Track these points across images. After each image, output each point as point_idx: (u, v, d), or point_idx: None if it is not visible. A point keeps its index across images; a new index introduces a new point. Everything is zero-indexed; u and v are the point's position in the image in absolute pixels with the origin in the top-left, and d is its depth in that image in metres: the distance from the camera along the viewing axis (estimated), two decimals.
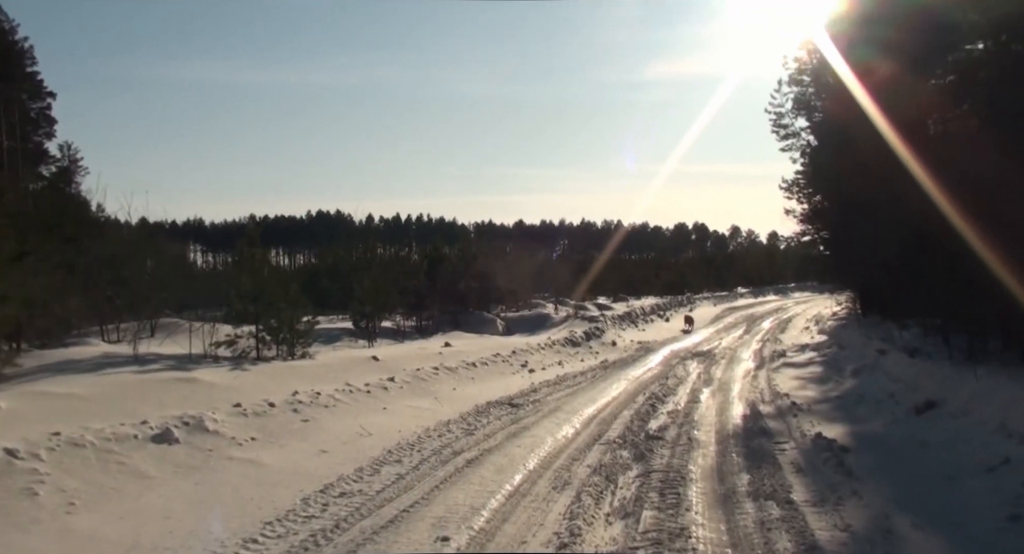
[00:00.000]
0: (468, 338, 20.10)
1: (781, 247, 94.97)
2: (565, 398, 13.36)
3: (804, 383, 14.72)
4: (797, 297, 60.84)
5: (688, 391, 14.26)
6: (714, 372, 17.27)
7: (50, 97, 36.39)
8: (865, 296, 29.22)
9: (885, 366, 13.14)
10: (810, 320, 33.72)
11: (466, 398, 12.80)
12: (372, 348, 16.39)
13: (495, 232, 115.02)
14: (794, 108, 31.40)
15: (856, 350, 17.31)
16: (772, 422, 10.63)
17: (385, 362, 14.07)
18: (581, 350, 21.89)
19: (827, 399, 12.48)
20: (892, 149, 13.36)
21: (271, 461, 7.74)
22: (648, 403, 12.81)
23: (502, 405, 12.31)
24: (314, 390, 10.78)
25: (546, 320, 26.44)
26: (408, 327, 21.42)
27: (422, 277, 21.74)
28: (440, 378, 14.13)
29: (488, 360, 16.93)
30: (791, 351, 21.40)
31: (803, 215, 31.98)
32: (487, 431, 10.01)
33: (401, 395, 12.27)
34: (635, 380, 16.05)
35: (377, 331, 19.28)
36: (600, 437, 9.95)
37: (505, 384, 14.83)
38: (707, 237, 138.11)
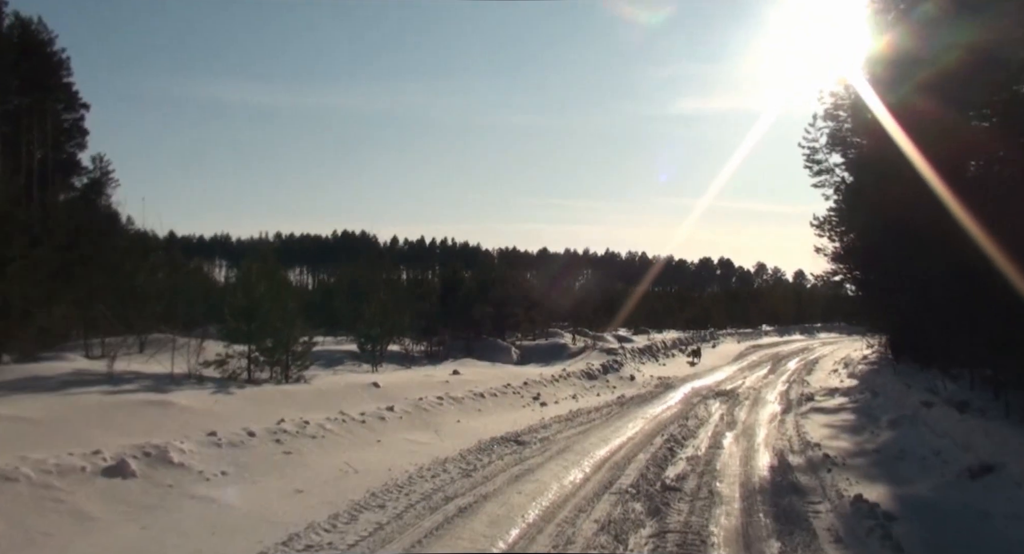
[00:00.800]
0: (479, 366, 19.20)
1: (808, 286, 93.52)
2: (577, 436, 12.39)
3: (836, 432, 13.62)
4: (823, 338, 59.22)
5: (709, 434, 13.23)
6: (738, 414, 16.20)
7: (84, 108, 36.35)
8: (898, 340, 27.99)
9: (928, 419, 12.04)
10: (838, 363, 32.37)
11: (469, 432, 11.88)
12: (375, 373, 15.54)
13: (519, 259, 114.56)
14: (828, 143, 30.43)
15: (892, 398, 16.17)
16: (803, 477, 9.58)
17: (386, 389, 13.21)
18: (597, 384, 20.89)
19: (863, 452, 11.39)
20: (932, 190, 12.94)
21: (237, 501, 6.87)
22: (666, 446, 11.81)
23: (507, 442, 11.38)
24: (303, 418, 9.93)
25: (563, 350, 25.47)
26: (418, 352, 20.58)
27: (435, 300, 20.93)
28: (444, 409, 13.23)
29: (498, 391, 16.00)
30: (820, 395, 20.23)
31: (834, 254, 30.88)
32: (487, 472, 9.07)
33: (399, 427, 11.38)
34: (653, 419, 15.04)
35: (383, 355, 18.45)
36: (611, 485, 8.99)
37: (513, 418, 13.89)
38: (732, 273, 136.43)
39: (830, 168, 30.84)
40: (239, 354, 12.54)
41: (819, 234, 31.42)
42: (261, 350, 12.44)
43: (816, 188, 31.26)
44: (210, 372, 12.23)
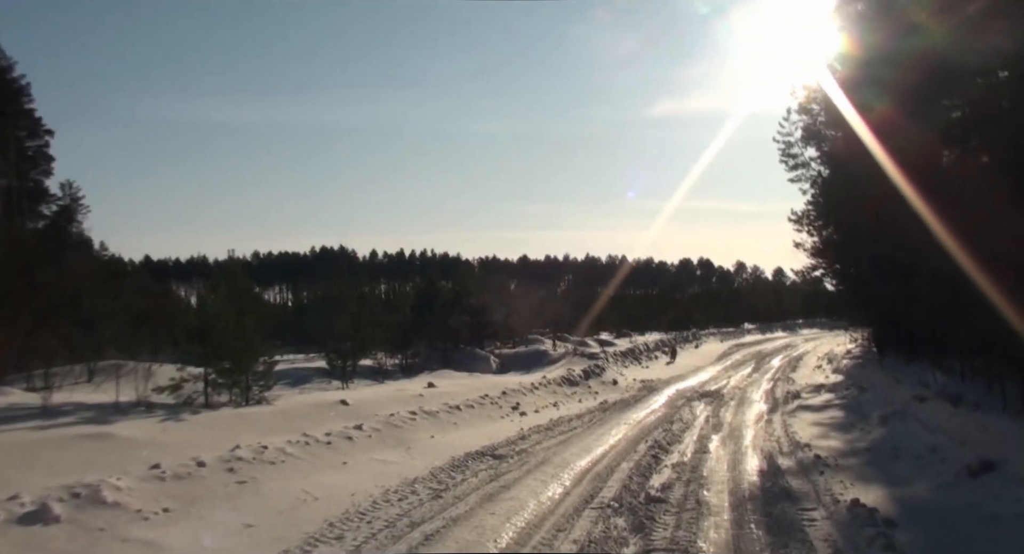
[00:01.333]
0: (456, 377, 18.57)
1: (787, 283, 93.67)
2: (557, 447, 11.81)
3: (825, 431, 13.14)
4: (806, 334, 59.14)
5: (695, 438, 12.71)
6: (723, 415, 15.70)
7: (48, 135, 35.46)
8: (882, 334, 27.71)
9: (920, 414, 11.58)
10: (822, 358, 32.06)
11: (443, 448, 11.25)
12: (344, 390, 14.86)
13: (499, 267, 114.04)
14: (803, 137, 30.17)
15: (880, 393, 15.74)
16: (795, 480, 9.06)
17: (355, 407, 12.56)
18: (579, 390, 20.33)
19: (855, 451, 10.90)
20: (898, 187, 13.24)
21: (177, 542, 6.20)
22: (650, 453, 11.27)
23: (483, 457, 10.77)
24: (261, 443, 9.26)
25: (543, 357, 24.89)
26: (392, 366, 19.91)
27: (408, 312, 20.27)
28: (417, 425, 12.59)
29: (475, 402, 15.39)
30: (806, 392, 19.80)
31: (814, 248, 30.61)
32: (459, 492, 8.46)
33: (367, 446, 10.74)
34: (636, 424, 14.50)
35: (355, 371, 17.78)
36: (592, 499, 8.41)
37: (491, 430, 13.28)
38: (712, 273, 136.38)
39: (806, 162, 30.53)
40: (195, 378, 11.85)
41: (798, 229, 31.12)
42: (218, 372, 11.76)
43: (793, 183, 30.94)
44: (164, 398, 11.52)
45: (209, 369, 11.72)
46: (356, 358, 17.99)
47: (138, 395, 11.33)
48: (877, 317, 25.11)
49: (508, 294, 30.38)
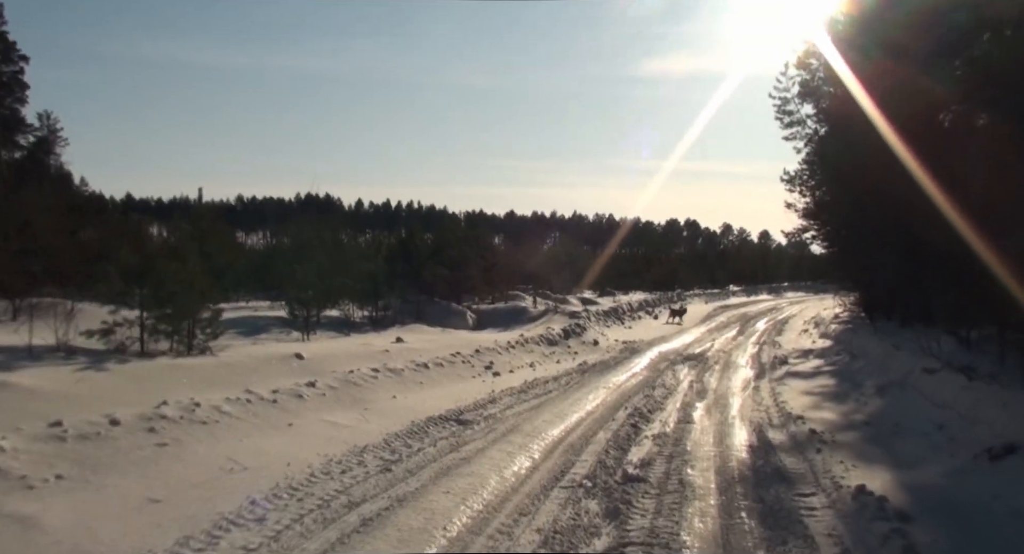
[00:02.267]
0: (428, 333, 17.56)
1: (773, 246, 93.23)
2: (529, 412, 10.87)
3: (818, 400, 12.26)
4: (791, 297, 58.54)
5: (678, 406, 11.81)
6: (708, 381, 14.83)
7: (23, 61, 33.56)
8: (871, 297, 26.94)
9: (922, 385, 10.69)
10: (808, 322, 31.33)
11: (403, 411, 10.27)
12: (304, 342, 13.79)
13: (486, 222, 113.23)
14: (800, 93, 28.99)
15: (875, 361, 14.88)
16: (788, 458, 8.15)
17: (311, 361, 11.52)
18: (558, 350, 19.39)
19: (852, 425, 10.01)
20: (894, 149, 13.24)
21: (57, 520, 5.17)
22: (629, 422, 10.35)
23: (447, 422, 9.80)
24: (193, 400, 8.20)
25: (522, 314, 23.92)
26: (361, 318, 18.83)
27: (381, 261, 19.12)
28: (378, 383, 11.59)
29: (445, 360, 14.40)
30: (793, 357, 18.98)
31: (805, 210, 29.66)
32: (412, 464, 7.48)
33: (319, 406, 9.73)
34: (616, 388, 13.59)
35: (319, 322, 16.71)
36: (563, 476, 7.47)
37: (459, 391, 12.31)
38: (699, 234, 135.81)
39: (802, 119, 29.44)
40: (130, 322, 10.72)
41: (790, 189, 30.16)
42: (159, 318, 10.64)
43: (787, 141, 29.88)
44: (93, 344, 10.42)
45: (146, 313, 10.58)
46: (321, 308, 16.91)
47: (57, 339, 10.16)
48: (868, 281, 24.27)
49: (489, 248, 29.24)
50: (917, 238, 14.97)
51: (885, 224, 18.46)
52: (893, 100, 13.87)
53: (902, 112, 13.43)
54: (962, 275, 10.98)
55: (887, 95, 14.12)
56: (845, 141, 19.80)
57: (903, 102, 13.62)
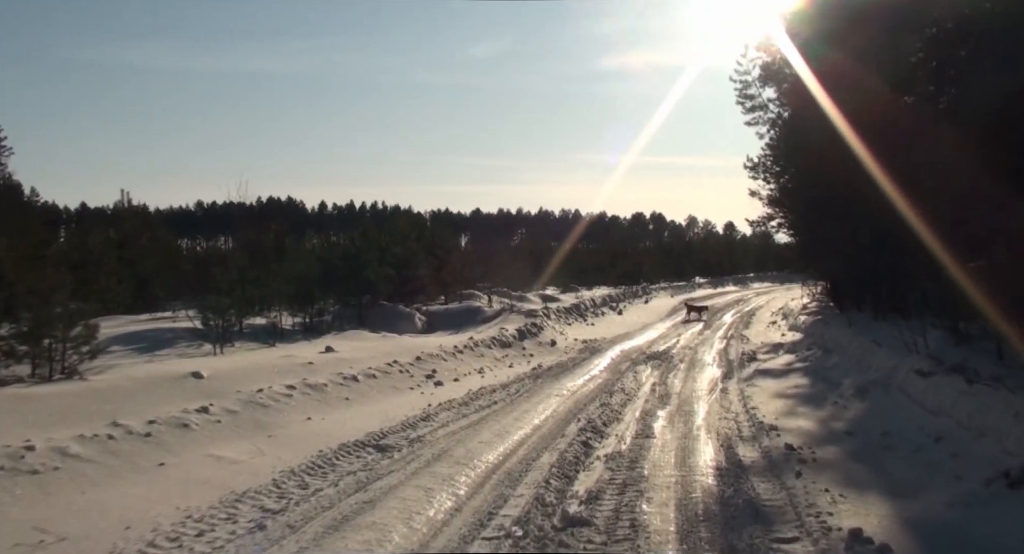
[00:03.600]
0: (366, 339, 16.01)
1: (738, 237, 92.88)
2: (466, 431, 9.44)
3: (792, 405, 10.98)
4: (757, 288, 57.77)
5: (637, 416, 10.47)
6: (672, 383, 13.53)
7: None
8: (838, 287, 26.00)
9: (908, 386, 9.45)
10: (776, 314, 30.31)
11: (315, 437, 8.77)
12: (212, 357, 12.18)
13: (452, 221, 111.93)
14: (762, 77, 27.99)
15: (851, 357, 13.68)
16: (763, 485, 6.80)
17: (211, 380, 9.94)
18: (511, 352, 17.97)
19: (833, 437, 8.71)
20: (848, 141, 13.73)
21: None
22: (580, 439, 8.99)
23: (363, 449, 8.32)
24: (27, 442, 6.60)
25: (476, 315, 22.44)
26: (294, 325, 17.22)
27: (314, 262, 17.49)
28: (292, 403, 10.06)
29: (379, 371, 12.90)
30: (762, 353, 17.80)
31: (769, 197, 28.68)
32: (299, 515, 5.98)
33: (209, 437, 8.18)
34: (570, 396, 12.23)
35: (242, 331, 15.11)
36: (489, 519, 6.05)
37: (390, 408, 10.84)
38: (664, 227, 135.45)
39: (763, 104, 28.53)
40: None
41: (753, 176, 29.25)
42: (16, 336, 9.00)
43: (750, 126, 29.02)
44: None
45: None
46: (242, 316, 15.30)
47: None
48: (835, 270, 23.26)
49: (443, 245, 27.71)
50: (884, 225, 14.42)
51: (851, 210, 17.50)
52: (849, 92, 14.02)
53: (859, 104, 13.69)
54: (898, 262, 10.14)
55: (842, 87, 14.25)
56: (805, 128, 19.31)
57: (858, 93, 13.83)
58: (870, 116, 13.72)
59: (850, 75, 14.46)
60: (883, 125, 13.77)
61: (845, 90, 14.24)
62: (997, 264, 8.56)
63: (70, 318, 9.27)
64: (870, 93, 13.82)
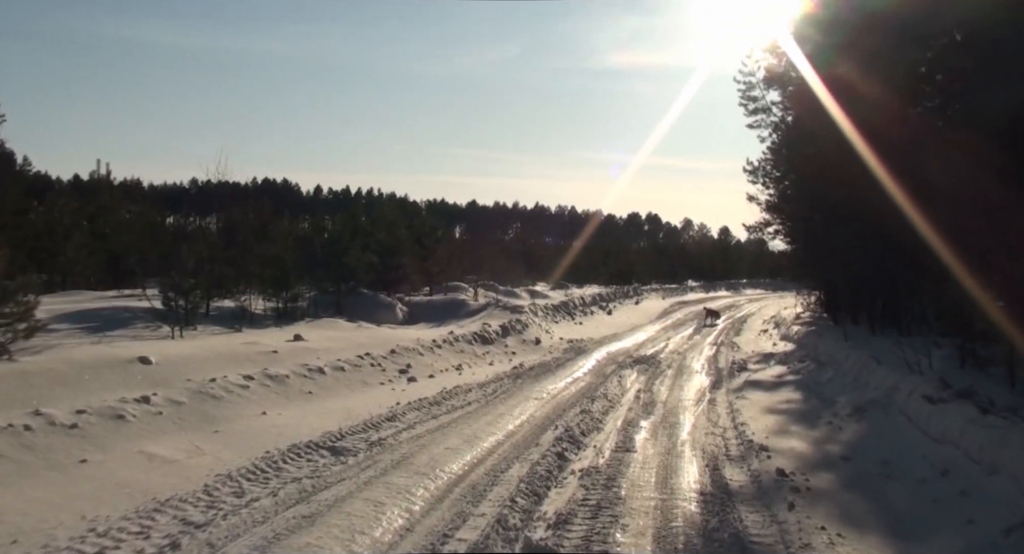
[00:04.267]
0: (340, 328, 15.27)
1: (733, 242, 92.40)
2: (432, 435, 8.73)
3: (783, 422, 10.30)
4: (750, 294, 57.24)
5: (619, 426, 9.79)
6: (658, 390, 12.86)
7: None
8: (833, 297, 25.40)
9: (911, 411, 8.78)
10: (768, 322, 29.70)
11: (267, 434, 8.04)
12: (170, 341, 11.39)
13: (447, 211, 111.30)
14: (766, 79, 27.28)
15: (847, 372, 13.02)
16: (752, 517, 6.11)
17: (160, 367, 9.19)
18: (493, 349, 17.26)
19: (828, 461, 8.03)
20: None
21: None
22: (555, 450, 8.30)
23: (316, 451, 7.59)
24: None
25: (460, 308, 21.72)
26: (266, 310, 16.43)
27: (291, 246, 16.68)
28: (249, 394, 9.32)
29: (349, 363, 12.17)
30: (753, 362, 17.16)
31: (768, 203, 28.00)
32: (223, 531, 5.25)
33: (145, 431, 7.43)
34: (550, 400, 11.54)
35: (208, 314, 14.34)
36: (443, 544, 5.36)
37: (355, 404, 10.12)
38: (660, 228, 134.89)
39: (767, 107, 27.84)
40: None
41: (752, 181, 28.58)
42: None
43: (752, 129, 28.31)
44: None
45: None
46: (208, 298, 14.51)
47: None
48: (833, 279, 22.62)
49: (432, 233, 26.94)
50: (888, 235, 13.90)
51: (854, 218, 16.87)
52: (852, 100, 13.83)
53: (860, 111, 13.52)
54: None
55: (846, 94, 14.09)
56: (809, 132, 18.80)
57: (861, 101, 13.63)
58: (877, 124, 13.32)
59: (857, 82, 14.16)
60: (891, 133, 13.40)
61: (852, 97, 14.02)
62: (1013, 279, 7.90)
63: (2, 292, 8.50)
64: (878, 100, 13.53)
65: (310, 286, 18.11)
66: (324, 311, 17.38)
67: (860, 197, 14.86)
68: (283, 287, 15.82)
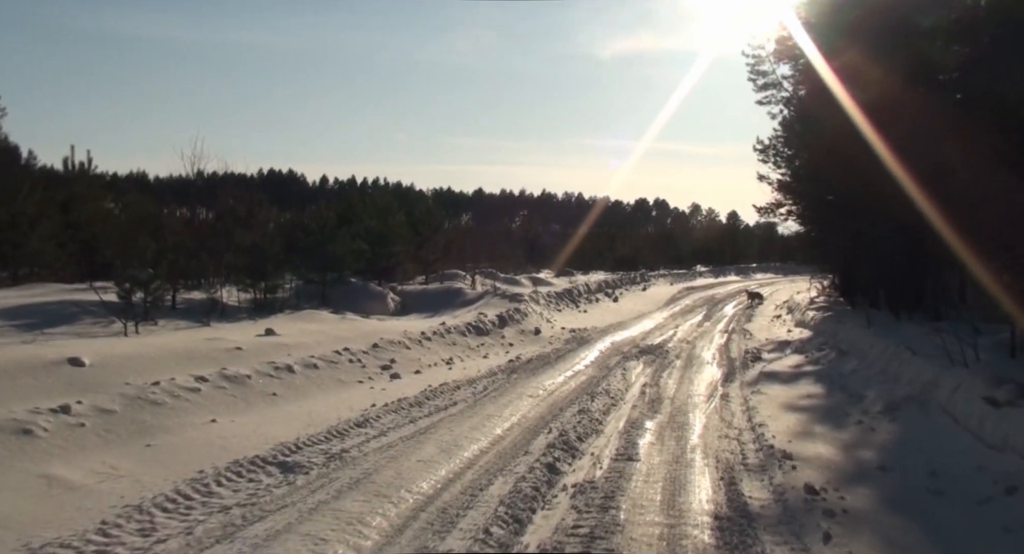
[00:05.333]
0: (321, 321, 14.13)
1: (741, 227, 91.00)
2: (406, 443, 7.61)
3: (806, 421, 9.13)
4: (760, 278, 55.85)
5: (621, 427, 8.68)
6: (665, 384, 11.72)
7: None
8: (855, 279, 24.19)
9: (957, 408, 7.59)
10: (780, 307, 28.46)
11: (207, 448, 6.92)
12: (110, 339, 10.22)
13: (454, 199, 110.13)
14: (776, 51, 25.91)
15: (871, 362, 11.83)
16: (779, 551, 4.96)
17: (94, 369, 8.07)
18: (488, 341, 16.12)
19: (864, 472, 6.86)
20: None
21: None
22: (546, 459, 7.19)
23: (262, 468, 6.46)
24: None
25: (456, 297, 20.57)
26: (241, 301, 15.28)
27: (270, 232, 15.51)
28: (198, 399, 8.20)
29: (324, 359, 11.05)
30: (768, 351, 15.99)
31: (780, 182, 26.72)
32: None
33: (58, 447, 6.31)
34: (546, 397, 10.42)
35: (175, 306, 13.22)
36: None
37: (321, 408, 8.99)
38: (667, 214, 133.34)
39: (777, 81, 26.52)
40: None
41: (763, 159, 27.30)
42: None
43: (761, 105, 27.05)
44: None
45: None
46: (174, 290, 13.40)
47: None
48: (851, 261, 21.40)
49: (428, 219, 25.76)
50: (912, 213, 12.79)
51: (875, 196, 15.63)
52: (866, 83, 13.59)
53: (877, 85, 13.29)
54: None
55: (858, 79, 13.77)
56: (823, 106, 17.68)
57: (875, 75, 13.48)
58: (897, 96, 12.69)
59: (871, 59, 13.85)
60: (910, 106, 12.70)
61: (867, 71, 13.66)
62: None
63: None
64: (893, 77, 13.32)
65: (295, 275, 16.97)
66: (309, 302, 16.25)
67: (880, 171, 13.88)
68: (260, 277, 14.70)
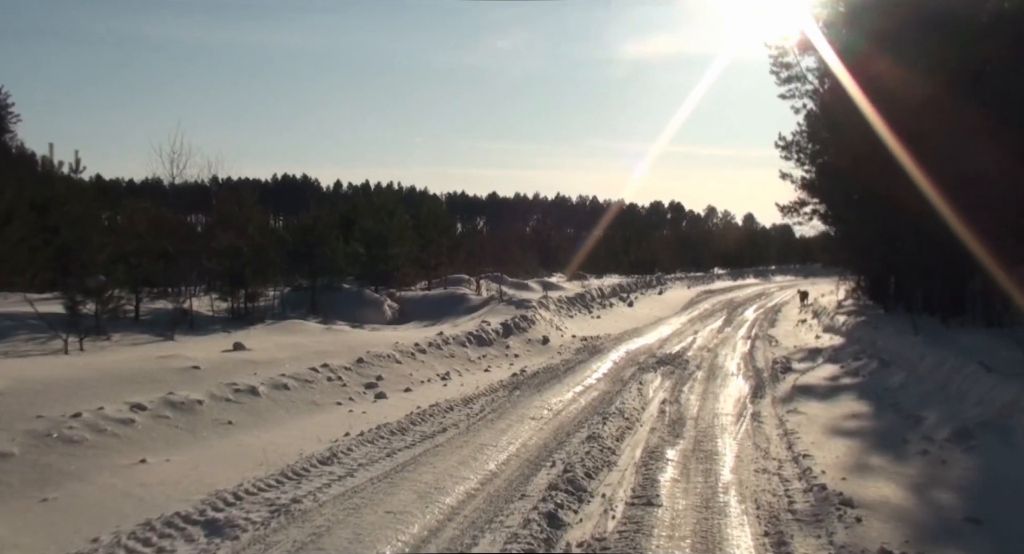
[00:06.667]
0: (303, 333, 12.78)
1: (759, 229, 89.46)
2: (376, 486, 6.24)
3: (859, 450, 7.68)
4: (779, 281, 54.30)
5: (637, 458, 7.31)
6: (687, 400, 10.34)
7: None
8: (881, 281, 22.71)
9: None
10: (805, 310, 26.96)
11: (118, 501, 5.56)
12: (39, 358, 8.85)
13: (468, 203, 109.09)
14: (801, 42, 24.44)
15: (922, 376, 10.36)
16: None
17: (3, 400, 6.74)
18: (491, 352, 14.73)
19: (948, 525, 5.40)
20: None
21: None
22: (546, 507, 5.82)
23: (180, 531, 5.09)
24: None
25: (459, 304, 19.20)
26: (220, 312, 13.95)
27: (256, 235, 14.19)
28: (130, 434, 6.84)
29: (298, 378, 9.68)
30: (797, 361, 14.54)
31: (804, 180, 25.28)
32: None
33: None
34: (551, 419, 9.07)
35: (138, 318, 11.93)
36: None
37: (283, 439, 7.62)
38: (683, 217, 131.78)
39: (801, 74, 25.03)
40: None
41: (786, 157, 25.96)
42: None
43: (784, 99, 25.61)
44: None
45: None
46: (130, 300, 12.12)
47: None
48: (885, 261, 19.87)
49: (432, 222, 24.43)
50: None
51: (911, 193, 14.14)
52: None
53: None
54: None
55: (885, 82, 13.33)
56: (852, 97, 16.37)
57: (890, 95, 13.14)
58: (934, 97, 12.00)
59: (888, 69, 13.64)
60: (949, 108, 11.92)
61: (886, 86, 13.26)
62: None
63: None
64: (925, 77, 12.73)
65: (282, 281, 15.65)
66: (296, 311, 14.93)
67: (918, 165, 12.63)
68: (239, 283, 13.39)
